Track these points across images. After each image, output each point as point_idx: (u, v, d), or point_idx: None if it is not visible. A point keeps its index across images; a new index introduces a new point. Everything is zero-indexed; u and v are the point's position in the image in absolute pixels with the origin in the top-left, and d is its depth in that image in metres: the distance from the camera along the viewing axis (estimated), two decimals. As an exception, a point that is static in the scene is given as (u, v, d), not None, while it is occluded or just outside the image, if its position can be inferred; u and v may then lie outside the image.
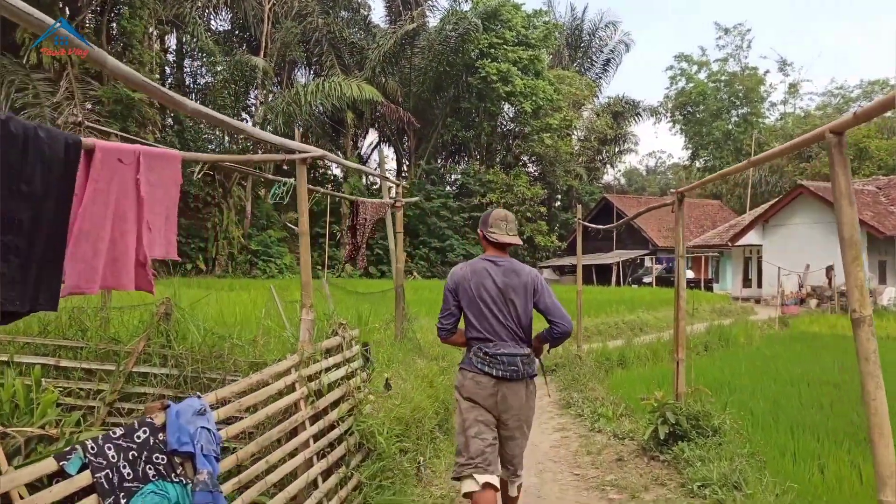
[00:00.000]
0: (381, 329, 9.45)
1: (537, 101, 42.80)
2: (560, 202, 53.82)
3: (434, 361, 8.59)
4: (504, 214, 4.11)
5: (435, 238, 41.98)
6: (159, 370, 4.79)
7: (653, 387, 8.79)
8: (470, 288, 3.95)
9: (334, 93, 36.22)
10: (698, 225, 42.95)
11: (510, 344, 3.88)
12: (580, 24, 57.92)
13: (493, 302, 3.91)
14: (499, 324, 3.90)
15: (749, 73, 55.82)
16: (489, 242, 4.06)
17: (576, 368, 9.40)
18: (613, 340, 13.55)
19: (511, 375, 3.84)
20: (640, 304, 19.00)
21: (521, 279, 3.96)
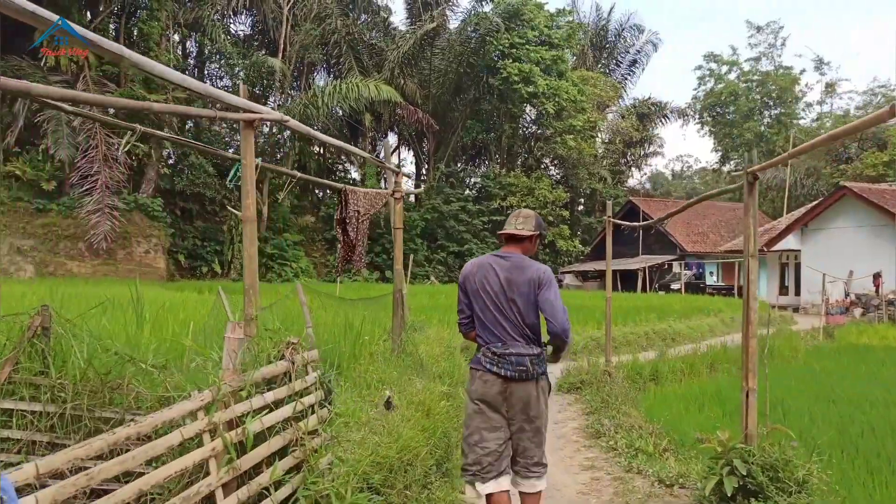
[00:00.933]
0: (377, 341, 8.17)
1: (560, 101, 41.48)
2: (583, 206, 52.42)
3: (437, 381, 7.39)
4: (518, 211, 4.10)
5: (453, 242, 40.78)
6: (29, 406, 3.47)
7: (693, 409, 7.50)
8: (475, 283, 3.91)
9: (352, 94, 35.32)
10: (729, 229, 41.29)
11: (519, 343, 3.80)
12: (606, 24, 56.40)
13: (496, 297, 3.83)
14: (505, 320, 3.82)
15: (783, 73, 53.98)
16: (503, 237, 4.06)
17: (605, 387, 8.11)
18: (644, 352, 12.24)
19: (520, 376, 3.78)
20: (670, 313, 17.57)
21: (526, 275, 3.83)
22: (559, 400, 8.52)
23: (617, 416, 6.59)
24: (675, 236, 38.48)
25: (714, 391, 8.41)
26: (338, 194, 7.30)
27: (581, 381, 8.84)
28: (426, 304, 19.23)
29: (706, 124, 60.42)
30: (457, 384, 7.38)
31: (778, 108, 55.16)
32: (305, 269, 36.53)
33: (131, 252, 28.63)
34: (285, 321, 7.55)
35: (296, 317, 7.88)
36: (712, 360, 10.61)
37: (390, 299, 9.04)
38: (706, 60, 58.82)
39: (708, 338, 15.48)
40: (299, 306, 7.70)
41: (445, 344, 9.72)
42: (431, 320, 12.82)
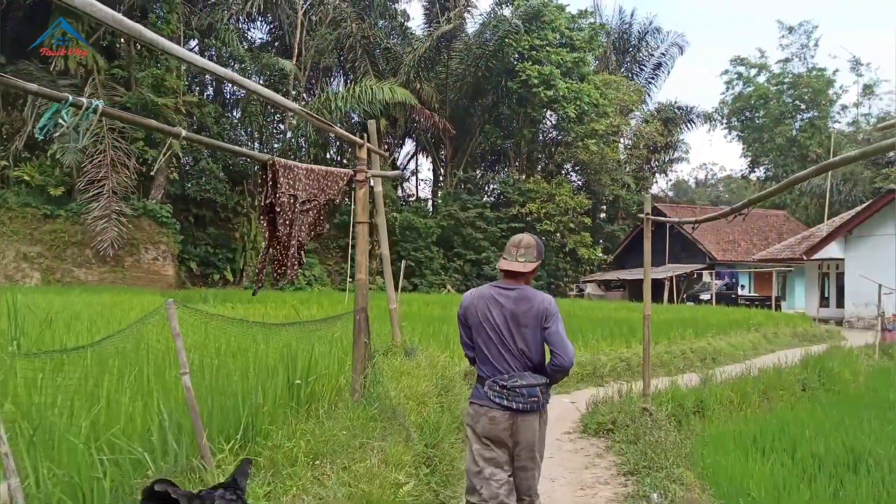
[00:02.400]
0: (338, 376, 6.25)
1: (581, 105, 39.91)
2: (605, 213, 50.66)
3: (406, 444, 5.26)
4: (519, 240, 3.92)
5: (470, 250, 39.28)
6: None
7: (755, 454, 5.92)
8: (476, 316, 3.82)
9: (365, 97, 34.09)
10: (762, 237, 39.41)
11: (527, 374, 3.71)
12: (628, 27, 54.74)
13: (500, 331, 3.74)
14: (509, 354, 3.73)
15: (816, 74, 51.96)
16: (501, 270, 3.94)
17: (645, 433, 6.29)
18: (681, 375, 10.62)
19: (531, 407, 3.69)
20: (706, 327, 15.89)
21: (534, 306, 3.74)
22: (585, 448, 6.82)
23: (665, 483, 4.90)
24: (705, 244, 36.66)
25: (777, 428, 6.82)
26: (262, 169, 5.38)
27: (613, 420, 7.06)
28: (437, 315, 17.75)
29: (734, 129, 58.55)
30: (441, 441, 5.64)
31: (811, 112, 53.08)
32: (319, 277, 35.25)
33: (139, 259, 27.64)
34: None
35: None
36: (765, 387, 8.99)
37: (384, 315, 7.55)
38: (733, 64, 57.09)
39: (751, 356, 13.85)
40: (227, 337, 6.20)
41: (440, 373, 8.02)
42: (437, 336, 11.28)
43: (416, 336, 10.84)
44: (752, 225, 41.10)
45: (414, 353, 8.85)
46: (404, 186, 50.44)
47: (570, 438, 7.24)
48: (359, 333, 5.96)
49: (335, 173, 5.94)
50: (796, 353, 14.66)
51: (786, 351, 15.80)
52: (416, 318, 16.60)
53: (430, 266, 37.79)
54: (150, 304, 14.49)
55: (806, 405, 8.76)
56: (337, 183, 5.94)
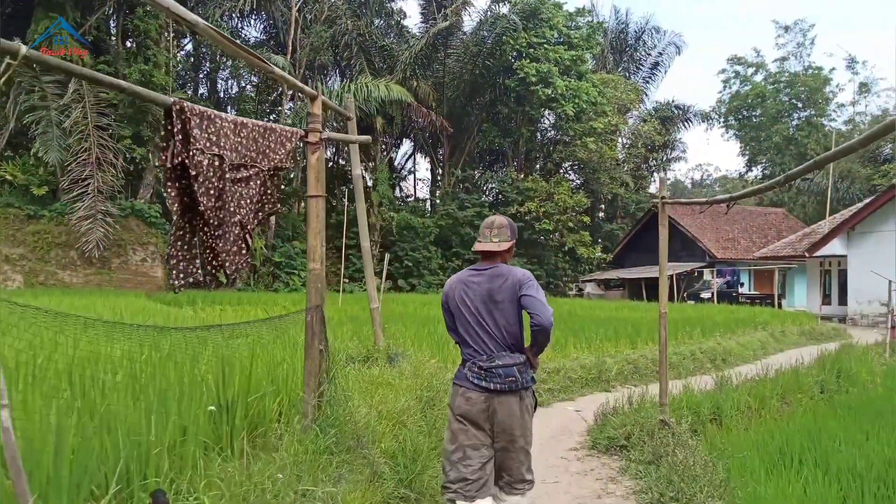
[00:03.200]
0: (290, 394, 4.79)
1: (580, 103, 39.51)
2: (604, 212, 50.30)
3: (389, 477, 4.45)
4: (490, 221, 3.95)
5: (469, 250, 38.79)
6: None
7: (783, 467, 5.49)
8: (454, 299, 3.86)
9: (360, 94, 33.55)
10: (761, 235, 39.04)
11: (504, 354, 3.72)
12: (625, 27, 54.44)
13: (477, 311, 3.77)
14: (486, 334, 3.75)
15: (813, 73, 51.68)
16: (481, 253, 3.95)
17: (666, 452, 5.49)
18: (692, 377, 10.17)
19: (509, 387, 3.68)
20: (712, 326, 15.49)
21: (508, 279, 3.75)
22: (596, 469, 6.08)
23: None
24: (704, 242, 36.29)
25: (804, 438, 6.38)
26: (166, 118, 3.90)
27: (626, 434, 6.31)
28: (433, 316, 17.30)
29: (731, 128, 58.29)
30: (421, 473, 4.68)
31: (808, 110, 52.81)
32: (314, 278, 34.73)
33: (127, 260, 26.94)
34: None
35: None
36: (783, 390, 8.57)
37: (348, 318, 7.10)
38: (730, 63, 56.81)
39: (761, 356, 13.42)
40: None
41: (427, 383, 6.94)
42: (430, 338, 10.79)
43: (406, 339, 10.29)
44: (752, 223, 40.78)
45: (398, 359, 8.14)
46: (402, 186, 50.12)
47: (578, 457, 6.55)
48: (311, 340, 4.56)
49: (278, 132, 4.64)
50: (806, 352, 14.28)
51: (795, 350, 15.42)
52: (411, 319, 16.20)
53: (428, 266, 37.35)
54: (128, 306, 14.07)
55: (826, 409, 8.32)
56: (284, 145, 4.61)
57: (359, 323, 13.40)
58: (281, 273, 33.72)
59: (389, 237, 37.65)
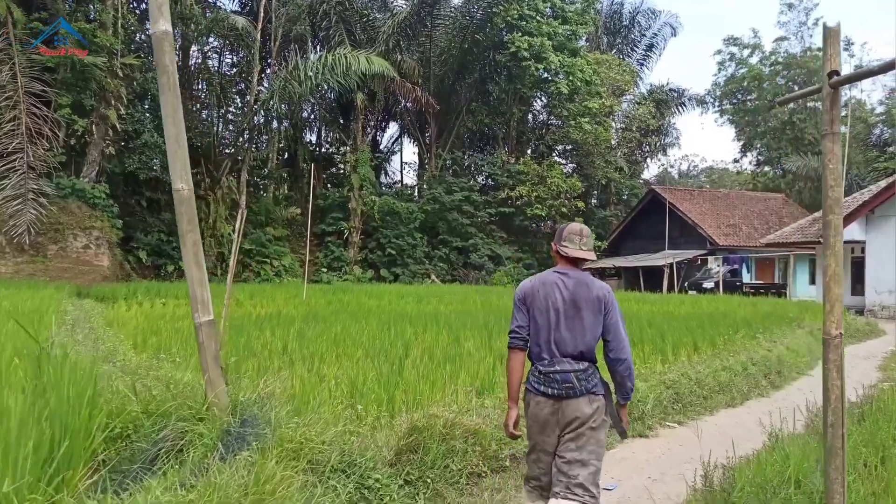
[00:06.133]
0: None
1: (574, 81, 37.25)
2: (596, 199, 48.15)
3: None
4: (579, 229, 3.90)
5: (457, 237, 36.53)
6: None
7: None
8: (538, 298, 3.77)
9: (339, 66, 31.04)
10: (763, 221, 37.09)
11: (566, 361, 3.66)
12: (620, 7, 52.21)
13: (561, 315, 3.71)
14: (557, 338, 3.69)
15: (813, 54, 49.68)
16: (561, 256, 3.87)
17: None
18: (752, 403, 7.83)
19: (567, 393, 3.62)
20: (738, 323, 13.14)
21: (592, 293, 3.73)
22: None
23: None
24: (705, 229, 34.23)
25: None
26: None
27: None
28: (414, 312, 15.04)
29: (726, 112, 56.32)
30: None
31: (808, 93, 50.83)
32: (289, 267, 32.33)
33: (65, 247, 23.43)
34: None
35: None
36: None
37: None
38: (726, 44, 54.69)
39: (813, 363, 11.05)
40: None
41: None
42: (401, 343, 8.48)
43: (345, 364, 7.82)
44: (752, 209, 38.84)
45: (244, 441, 3.90)
46: (388, 172, 47.70)
47: None
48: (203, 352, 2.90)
49: None
50: (856, 354, 12.21)
51: (848, 351, 13.29)
52: (382, 315, 13.92)
53: (412, 254, 35.03)
54: (43, 300, 11.77)
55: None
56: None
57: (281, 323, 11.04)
58: (251, 262, 31.26)
59: (371, 223, 35.29)
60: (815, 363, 11.58)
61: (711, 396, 8.03)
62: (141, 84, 28.17)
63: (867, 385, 9.40)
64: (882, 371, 11.15)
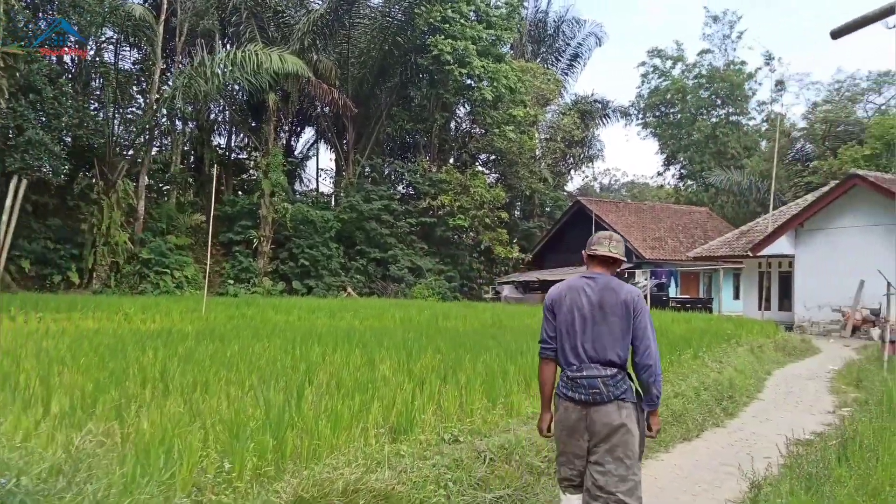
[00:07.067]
0: None
1: (499, 87, 36.06)
2: (520, 210, 47.10)
3: None
4: (608, 234, 3.94)
5: (375, 247, 34.61)
6: None
7: None
8: (565, 303, 3.75)
9: (249, 64, 28.88)
10: (688, 235, 36.62)
11: (594, 366, 3.61)
12: (545, 16, 51.63)
13: (587, 320, 3.67)
14: (589, 344, 3.65)
15: (735, 68, 50.21)
16: (590, 258, 3.89)
17: None
18: (709, 435, 6.42)
19: (594, 399, 3.58)
20: (675, 341, 11.88)
21: (620, 296, 3.66)
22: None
23: None
24: (631, 241, 33.42)
25: None
26: None
27: None
28: (321, 329, 13.21)
29: (649, 125, 56.48)
30: None
31: (728, 107, 51.36)
32: (193, 278, 29.76)
33: None
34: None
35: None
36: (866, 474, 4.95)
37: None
38: (650, 56, 54.93)
39: (762, 386, 9.86)
40: None
41: None
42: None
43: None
44: (677, 222, 38.41)
45: None
46: (303, 179, 45.43)
47: None
48: None
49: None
50: (799, 373, 11.22)
51: (783, 372, 12.18)
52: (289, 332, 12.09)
53: (327, 266, 32.91)
54: None
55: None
56: None
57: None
58: (149, 273, 28.55)
59: (283, 232, 33.02)
60: (762, 386, 10.39)
61: (664, 429, 6.74)
62: (25, 76, 25.28)
63: (825, 411, 8.48)
64: (835, 394, 10.07)
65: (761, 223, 27.67)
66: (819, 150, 40.73)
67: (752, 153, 48.47)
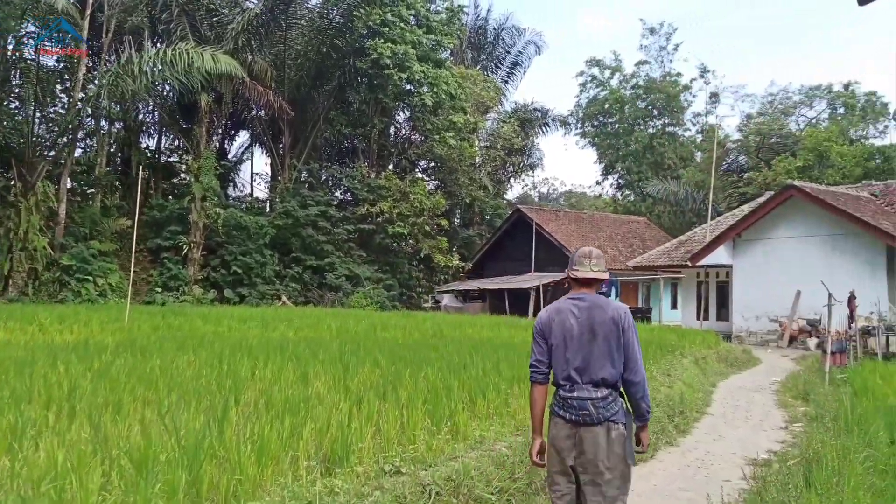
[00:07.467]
0: None
1: (439, 93, 35.64)
2: (460, 218, 46.77)
3: None
4: (588, 251, 3.91)
5: (311, 255, 33.64)
6: None
7: None
8: (555, 325, 3.75)
9: (180, 63, 27.63)
10: (627, 244, 36.83)
11: (586, 387, 3.64)
12: (485, 23, 51.56)
13: (576, 341, 3.69)
14: (580, 365, 3.66)
15: (672, 80, 51.07)
16: (574, 281, 3.87)
17: None
18: (665, 455, 5.98)
19: (584, 420, 3.60)
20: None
21: (608, 314, 3.69)
22: None
23: None
24: (571, 250, 33.29)
25: None
26: None
27: None
28: (254, 341, 12.40)
29: (588, 135, 57.00)
30: None
31: (665, 118, 52.21)
32: (117, 286, 28.28)
33: None
34: None
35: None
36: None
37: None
38: (588, 66, 55.44)
39: (709, 399, 9.61)
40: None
41: None
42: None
43: None
44: (616, 231, 38.63)
45: None
46: (237, 184, 44.07)
47: None
48: None
49: None
50: (744, 385, 11.07)
51: (728, 383, 11.97)
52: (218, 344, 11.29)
53: (261, 273, 31.79)
54: None
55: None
56: None
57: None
58: (70, 280, 27.00)
59: (215, 238, 31.76)
60: (710, 399, 10.12)
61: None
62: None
63: (777, 427, 8.13)
64: (783, 408, 9.86)
65: (699, 233, 27.92)
66: (753, 162, 41.64)
67: (688, 164, 49.37)
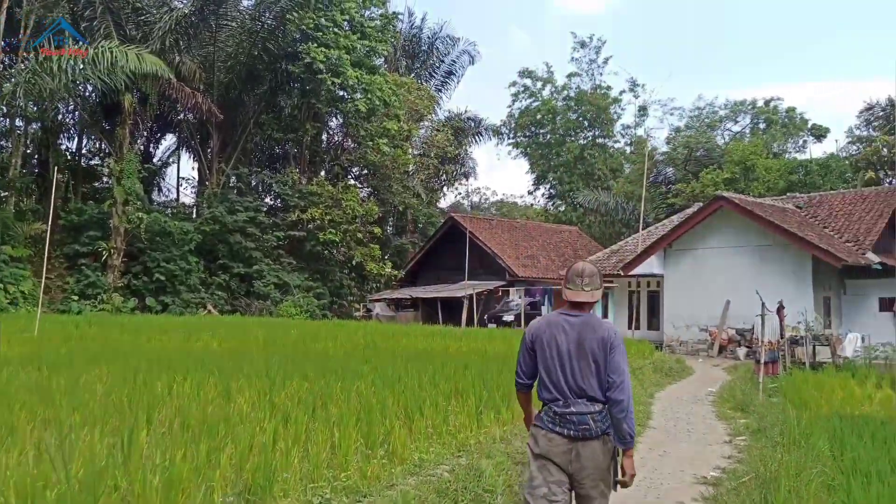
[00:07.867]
0: None
1: (373, 99, 35.23)
2: (393, 226, 46.40)
3: None
4: (581, 269, 3.81)
5: (239, 262, 32.66)
6: None
7: None
8: (543, 339, 3.74)
9: (103, 61, 26.52)
10: (559, 253, 37.10)
11: (581, 402, 3.62)
12: (419, 32, 51.45)
13: (565, 357, 3.67)
14: (568, 380, 3.65)
15: (602, 92, 51.98)
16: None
17: None
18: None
19: (583, 434, 3.59)
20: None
21: (598, 333, 3.67)
22: None
23: None
24: (505, 260, 33.37)
25: None
26: None
27: None
28: (182, 352, 11.75)
29: (520, 145, 57.49)
30: None
31: (596, 129, 53.12)
32: (30, 293, 26.77)
33: None
34: None
35: None
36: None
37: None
38: (521, 76, 55.97)
39: (653, 413, 9.57)
40: None
41: None
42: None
43: None
44: (549, 240, 38.90)
45: None
46: (162, 189, 42.54)
47: None
48: None
49: None
50: (682, 395, 11.11)
51: (667, 394, 11.98)
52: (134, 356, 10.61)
53: (185, 281, 30.65)
54: None
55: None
56: None
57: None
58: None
59: (137, 244, 30.46)
60: (650, 411, 10.15)
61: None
62: None
63: (721, 441, 8.46)
64: (724, 420, 9.87)
65: (631, 243, 28.30)
66: (680, 174, 42.67)
67: (617, 175, 50.28)
